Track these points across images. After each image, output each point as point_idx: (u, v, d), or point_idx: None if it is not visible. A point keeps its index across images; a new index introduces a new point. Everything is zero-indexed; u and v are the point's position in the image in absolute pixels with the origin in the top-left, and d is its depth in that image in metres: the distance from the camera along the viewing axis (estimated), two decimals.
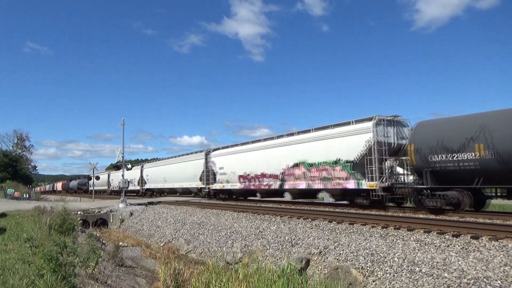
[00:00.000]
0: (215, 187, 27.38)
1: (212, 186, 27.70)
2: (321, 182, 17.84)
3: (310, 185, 18.46)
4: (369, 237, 9.89)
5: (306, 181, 18.69)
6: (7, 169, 67.47)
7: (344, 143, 16.56)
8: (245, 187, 23.90)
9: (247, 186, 23.68)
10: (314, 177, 18.13)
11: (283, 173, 20.09)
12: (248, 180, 23.37)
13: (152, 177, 39.32)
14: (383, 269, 7.98)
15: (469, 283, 6.51)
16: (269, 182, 21.38)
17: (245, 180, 23.72)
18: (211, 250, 13.68)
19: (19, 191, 40.48)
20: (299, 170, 18.97)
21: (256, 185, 22.68)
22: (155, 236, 17.89)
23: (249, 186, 23.47)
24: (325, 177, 17.52)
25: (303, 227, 12.44)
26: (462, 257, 7.45)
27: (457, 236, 8.74)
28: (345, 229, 11.16)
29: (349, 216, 12.95)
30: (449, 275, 6.93)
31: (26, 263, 6.69)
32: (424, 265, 7.55)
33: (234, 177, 24.81)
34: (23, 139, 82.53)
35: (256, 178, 22.56)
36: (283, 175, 20.15)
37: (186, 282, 9.11)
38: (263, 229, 13.18)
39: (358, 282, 8.11)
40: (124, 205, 25.14)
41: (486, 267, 6.84)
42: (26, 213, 17.92)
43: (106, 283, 7.72)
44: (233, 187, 25.33)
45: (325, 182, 17.57)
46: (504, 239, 8.04)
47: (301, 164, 18.82)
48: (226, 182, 25.92)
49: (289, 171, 19.63)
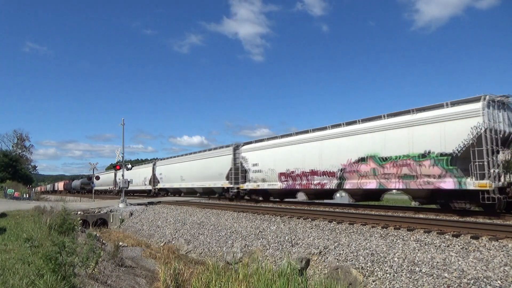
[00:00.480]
0: (246, 187, 23.55)
1: (243, 185, 23.81)
2: (399, 181, 14.26)
3: (383, 184, 14.92)
4: (369, 237, 9.89)
5: (376, 180, 15.12)
6: (7, 169, 67.44)
7: (436, 131, 13.12)
8: (288, 186, 20.28)
9: (290, 185, 20.07)
10: (389, 174, 14.53)
11: (343, 169, 16.57)
12: (292, 178, 19.75)
13: (167, 176, 35.64)
14: (383, 269, 7.97)
15: (469, 283, 6.51)
16: (322, 180, 17.87)
17: (287, 178, 20.08)
18: (211, 250, 13.68)
19: (19, 191, 40.47)
20: (366, 166, 15.42)
21: (304, 185, 19.04)
22: (155, 236, 17.89)
23: (293, 185, 19.87)
24: (407, 175, 13.93)
25: (303, 227, 12.44)
26: (462, 257, 7.45)
27: (457, 236, 8.74)
28: (345, 229, 11.16)
29: (349, 216, 12.95)
30: (449, 275, 6.93)
31: (26, 263, 6.69)
32: (424, 265, 7.55)
33: (273, 175, 21.08)
34: (23, 139, 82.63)
35: (304, 176, 18.94)
36: (343, 172, 16.63)
37: (186, 282, 9.10)
38: (263, 229, 13.17)
39: (358, 282, 8.11)
40: (124, 205, 25.15)
41: (486, 267, 6.84)
42: (26, 213, 17.91)
43: (106, 283, 7.72)
44: (272, 186, 21.55)
45: (406, 180, 14.02)
46: (504, 239, 8.04)
47: (370, 159, 15.22)
48: (262, 181, 22.19)
49: (352, 167, 16.11)
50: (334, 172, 17.17)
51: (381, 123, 15.21)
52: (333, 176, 17.31)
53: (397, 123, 14.57)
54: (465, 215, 12.18)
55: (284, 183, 20.46)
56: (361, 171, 15.78)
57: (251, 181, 23.22)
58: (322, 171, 17.80)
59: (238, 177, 24.28)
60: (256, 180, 22.70)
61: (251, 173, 23.05)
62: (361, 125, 16.26)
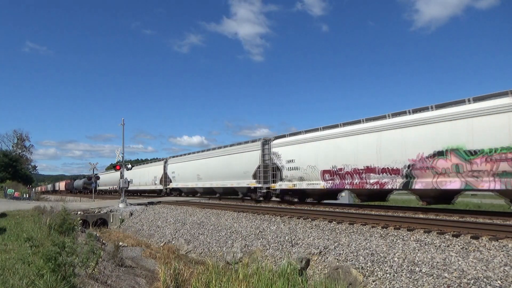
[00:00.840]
0: (279, 187, 20.65)
1: (274, 185, 20.92)
2: (496, 180, 11.62)
3: (471, 183, 12.30)
4: (369, 237, 9.89)
5: (461, 178, 12.54)
6: (7, 169, 67.49)
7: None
8: (334, 186, 17.37)
9: (337, 185, 17.16)
10: (481, 171, 12.01)
11: (411, 166, 13.95)
12: (339, 177, 16.90)
13: (180, 174, 32.61)
14: (383, 269, 7.98)
15: (469, 283, 6.51)
16: (382, 179, 15.00)
17: (333, 177, 17.22)
18: (211, 250, 13.68)
19: (19, 191, 40.48)
20: (446, 161, 12.89)
21: (356, 184, 16.13)
22: (155, 236, 17.90)
23: (341, 185, 16.97)
24: (507, 172, 11.35)
25: (303, 227, 12.45)
26: (462, 257, 7.45)
27: (457, 236, 8.74)
28: (345, 229, 11.16)
29: (349, 216, 12.95)
30: (449, 275, 6.93)
31: (26, 263, 6.69)
32: (424, 265, 7.55)
33: (314, 173, 18.21)
34: (23, 139, 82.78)
35: (356, 174, 16.11)
36: (411, 169, 13.97)
37: (186, 282, 9.10)
38: (263, 229, 13.18)
39: (358, 282, 8.11)
40: (124, 205, 25.14)
41: (486, 267, 6.84)
42: (26, 213, 17.92)
43: (106, 283, 7.72)
44: (312, 186, 18.58)
45: (507, 179, 11.34)
46: (504, 239, 8.04)
47: (450, 152, 12.73)
48: (299, 180, 19.31)
49: (424, 163, 13.52)
50: (398, 169, 14.39)
51: (466, 109, 12.64)
52: (396, 173, 14.50)
53: (491, 108, 11.83)
54: (465, 215, 12.19)
55: (328, 183, 17.53)
56: (438, 168, 13.14)
57: (285, 180, 20.26)
58: (381, 168, 14.94)
59: (267, 175, 21.37)
60: (292, 179, 19.76)
61: (285, 171, 20.13)
62: (435, 112, 13.68)
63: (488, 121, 11.86)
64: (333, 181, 17.31)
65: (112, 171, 54.10)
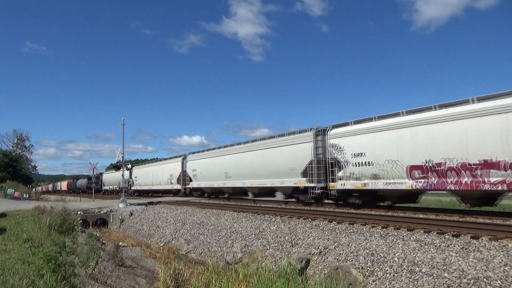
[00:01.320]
0: (342, 187, 16.80)
1: (334, 184, 17.08)
2: None
3: None
4: (369, 237, 9.89)
5: None
6: (7, 169, 67.46)
7: None
8: (429, 186, 13.50)
9: (434, 184, 13.33)
10: None
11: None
12: (437, 174, 13.20)
13: (203, 172, 28.85)
14: (383, 269, 7.98)
15: (469, 283, 6.51)
16: (509, 177, 11.41)
17: (427, 173, 13.52)
18: (211, 250, 13.68)
19: (19, 191, 40.48)
20: None
21: (466, 184, 12.32)
22: (155, 236, 17.90)
23: (440, 184, 13.10)
24: None
25: (303, 227, 12.45)
26: (462, 257, 7.45)
27: (457, 236, 8.74)
28: (345, 229, 11.16)
29: (349, 216, 12.95)
30: (449, 275, 6.93)
31: (26, 263, 6.70)
32: (424, 265, 7.55)
33: (396, 169, 14.54)
34: (23, 139, 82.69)
35: (466, 170, 12.39)
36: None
37: (186, 282, 9.11)
38: (263, 229, 13.18)
39: (358, 282, 8.11)
40: (124, 205, 25.15)
41: (486, 267, 6.84)
42: (26, 213, 17.92)
43: (106, 283, 7.72)
44: (392, 186, 14.78)
45: None
46: (504, 239, 8.04)
47: None
48: (372, 178, 15.50)
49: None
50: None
51: None
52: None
53: None
54: (465, 215, 12.18)
55: (419, 182, 13.79)
56: None
57: (349, 178, 16.49)
58: (510, 163, 11.40)
59: (321, 172, 17.79)
60: (361, 177, 16.01)
61: (350, 167, 16.51)
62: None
63: None
64: (427, 179, 13.56)
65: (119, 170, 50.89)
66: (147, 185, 39.55)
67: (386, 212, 14.27)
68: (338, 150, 17.12)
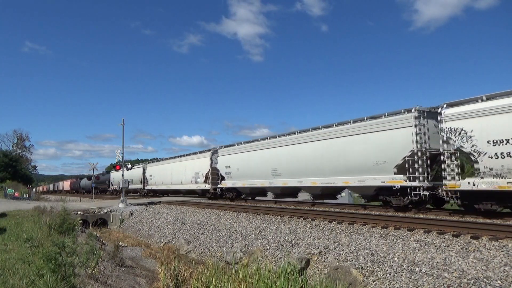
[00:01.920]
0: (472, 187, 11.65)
1: (456, 183, 12.10)
2: None
3: None
4: (369, 237, 9.89)
5: None
6: (7, 169, 67.48)
7: None
8: None
9: None
10: None
11: None
12: None
13: (240, 169, 24.01)
14: (383, 269, 7.97)
15: (469, 283, 6.50)
16: None
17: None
18: (211, 250, 13.68)
19: (19, 191, 40.50)
20: None
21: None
22: (155, 236, 17.90)
23: None
24: None
25: (303, 227, 12.44)
26: (462, 257, 7.45)
27: (457, 236, 8.74)
28: (345, 229, 11.16)
29: (349, 216, 12.95)
30: (449, 275, 6.92)
31: (26, 263, 6.70)
32: (424, 265, 7.55)
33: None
34: (23, 139, 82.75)
35: None
36: None
37: (186, 282, 9.10)
38: (263, 229, 13.18)
39: (358, 282, 8.11)
40: (124, 205, 25.15)
41: (486, 267, 6.84)
42: (26, 213, 17.92)
43: (106, 283, 7.72)
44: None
45: None
46: (504, 239, 8.04)
47: None
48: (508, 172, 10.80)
49: None
50: None
51: None
52: None
53: None
54: (465, 215, 12.18)
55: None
56: None
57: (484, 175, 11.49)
58: None
59: (424, 167, 13.32)
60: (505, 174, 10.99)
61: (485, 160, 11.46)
62: None
63: None
64: None
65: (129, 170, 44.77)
66: (164, 185, 35.12)
67: (386, 212, 14.26)
68: (463, 137, 12.17)
